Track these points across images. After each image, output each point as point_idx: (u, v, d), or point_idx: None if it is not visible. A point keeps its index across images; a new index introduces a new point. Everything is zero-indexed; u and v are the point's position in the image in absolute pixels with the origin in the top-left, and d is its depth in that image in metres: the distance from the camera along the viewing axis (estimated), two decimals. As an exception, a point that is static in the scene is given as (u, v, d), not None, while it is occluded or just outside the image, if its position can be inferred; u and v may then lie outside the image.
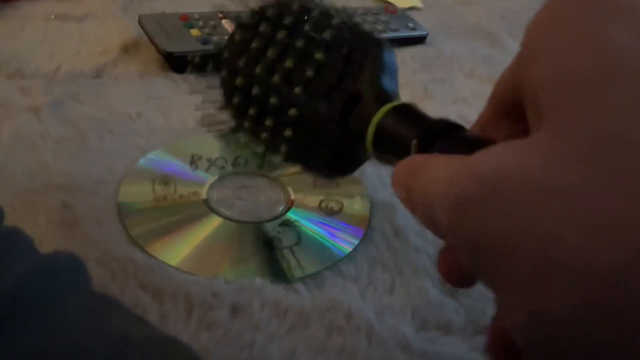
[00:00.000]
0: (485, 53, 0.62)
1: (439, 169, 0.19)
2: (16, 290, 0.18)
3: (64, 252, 0.22)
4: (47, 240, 0.33)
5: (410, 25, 0.62)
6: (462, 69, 0.59)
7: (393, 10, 0.65)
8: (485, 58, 0.61)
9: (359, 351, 0.30)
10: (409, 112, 0.25)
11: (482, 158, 0.17)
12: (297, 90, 0.28)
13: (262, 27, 0.30)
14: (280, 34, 0.30)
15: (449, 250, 0.23)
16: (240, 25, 0.32)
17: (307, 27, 0.29)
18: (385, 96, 0.27)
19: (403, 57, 0.59)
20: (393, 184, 0.22)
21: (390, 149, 0.25)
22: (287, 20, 0.30)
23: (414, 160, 0.21)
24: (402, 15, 0.64)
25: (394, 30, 0.61)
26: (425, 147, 0.23)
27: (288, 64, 0.29)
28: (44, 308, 0.18)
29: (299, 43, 0.29)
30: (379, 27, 0.60)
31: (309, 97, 0.28)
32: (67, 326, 0.18)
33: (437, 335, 0.31)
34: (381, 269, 0.35)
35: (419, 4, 0.72)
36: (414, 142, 0.23)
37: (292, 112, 0.29)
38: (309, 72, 0.28)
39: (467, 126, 0.25)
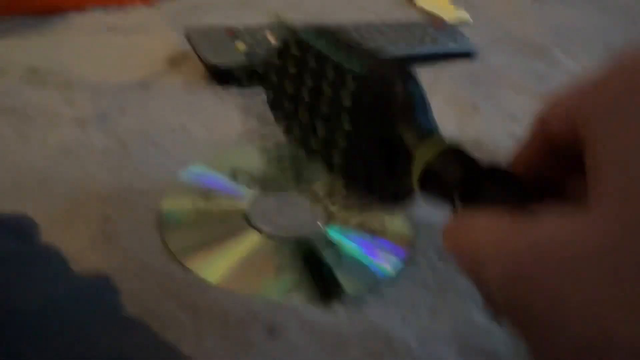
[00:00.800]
0: (535, 68, 0.61)
1: (487, 232, 0.19)
2: (44, 312, 0.18)
3: (97, 272, 0.22)
4: (87, 252, 0.34)
5: (459, 39, 0.61)
6: (512, 84, 0.57)
7: (441, 25, 0.64)
8: (537, 74, 0.59)
9: (399, 379, 0.29)
10: (452, 155, 0.25)
11: (532, 230, 0.18)
12: (340, 143, 0.29)
13: (290, 68, 0.31)
14: (308, 81, 0.30)
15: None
16: (272, 60, 0.32)
17: (330, 73, 0.29)
18: (423, 137, 0.26)
19: (450, 72, 0.57)
20: (443, 242, 0.22)
21: (436, 192, 0.25)
22: (312, 63, 0.30)
23: (461, 219, 0.22)
24: (450, 29, 0.63)
25: (441, 45, 0.59)
26: (470, 194, 0.23)
27: (324, 109, 0.29)
28: (71, 332, 0.18)
29: (327, 90, 0.29)
30: (427, 40, 0.59)
31: (350, 149, 0.29)
32: (94, 351, 0.18)
33: (482, 365, 0.30)
34: (424, 292, 0.33)
35: (468, 18, 0.71)
36: (457, 193, 0.23)
37: (338, 160, 0.29)
38: (346, 125, 0.28)
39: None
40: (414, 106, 0.27)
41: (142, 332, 0.21)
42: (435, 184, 0.25)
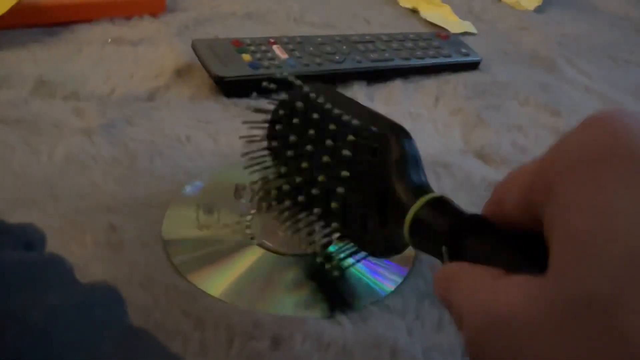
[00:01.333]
0: (541, 80, 0.61)
1: (466, 288, 0.21)
2: (48, 324, 0.18)
3: (102, 283, 0.22)
4: (92, 261, 0.34)
5: (463, 50, 0.61)
6: (517, 95, 0.57)
7: (445, 36, 0.64)
8: (542, 85, 0.60)
9: (404, 391, 0.29)
10: (439, 208, 0.26)
11: (497, 292, 0.20)
12: (334, 205, 0.31)
13: (294, 120, 0.33)
14: (309, 134, 0.32)
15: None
16: (277, 111, 0.35)
17: (330, 128, 0.31)
18: (414, 191, 0.28)
19: (455, 83, 0.57)
20: (434, 290, 0.24)
21: (425, 244, 0.27)
22: (314, 117, 0.32)
23: (448, 271, 0.24)
24: (455, 41, 0.63)
25: (445, 56, 0.60)
26: (455, 247, 0.24)
27: (324, 160, 0.31)
28: (76, 343, 0.18)
29: (327, 143, 0.31)
30: (431, 52, 0.59)
31: (347, 201, 0.30)
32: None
33: (487, 377, 0.30)
34: (429, 304, 0.33)
35: (473, 30, 0.71)
36: (444, 248, 0.25)
37: (335, 226, 0.31)
38: (344, 177, 0.30)
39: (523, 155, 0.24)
40: (407, 161, 0.28)
41: (148, 343, 0.21)
42: (424, 236, 0.26)
